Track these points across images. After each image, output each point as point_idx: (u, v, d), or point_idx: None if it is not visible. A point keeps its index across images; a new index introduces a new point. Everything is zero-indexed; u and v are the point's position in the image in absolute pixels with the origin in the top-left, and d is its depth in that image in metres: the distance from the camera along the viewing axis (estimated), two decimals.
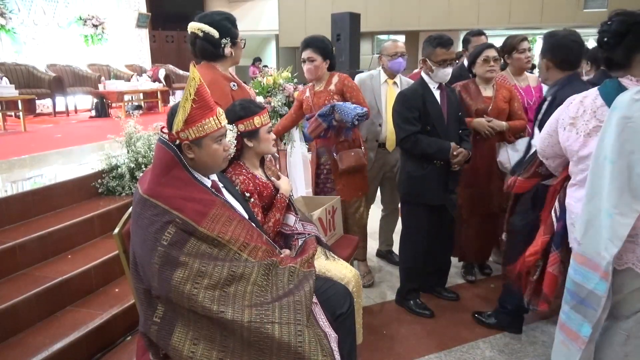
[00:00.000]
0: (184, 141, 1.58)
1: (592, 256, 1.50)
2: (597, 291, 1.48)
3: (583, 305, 1.54)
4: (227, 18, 2.30)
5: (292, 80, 3.55)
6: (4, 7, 7.72)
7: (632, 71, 1.54)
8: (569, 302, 1.60)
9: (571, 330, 1.59)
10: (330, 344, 1.51)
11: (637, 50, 1.52)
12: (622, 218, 1.41)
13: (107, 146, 3.62)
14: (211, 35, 2.23)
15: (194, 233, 1.51)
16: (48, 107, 8.03)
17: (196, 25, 2.25)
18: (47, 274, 2.50)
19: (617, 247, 1.42)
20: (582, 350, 1.55)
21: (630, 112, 1.41)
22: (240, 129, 1.99)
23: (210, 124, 1.59)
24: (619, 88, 1.53)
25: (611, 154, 1.43)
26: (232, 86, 2.32)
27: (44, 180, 3.34)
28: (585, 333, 1.53)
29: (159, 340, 1.48)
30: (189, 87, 1.55)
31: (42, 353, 2.07)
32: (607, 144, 1.45)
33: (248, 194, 1.94)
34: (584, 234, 1.54)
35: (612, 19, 1.56)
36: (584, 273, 1.53)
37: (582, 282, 1.54)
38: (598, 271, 1.47)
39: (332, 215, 2.66)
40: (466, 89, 3.03)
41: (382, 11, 11.91)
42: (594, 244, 1.49)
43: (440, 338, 2.60)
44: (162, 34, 13.66)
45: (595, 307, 1.49)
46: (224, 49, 2.27)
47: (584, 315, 1.54)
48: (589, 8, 10.55)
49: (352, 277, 2.03)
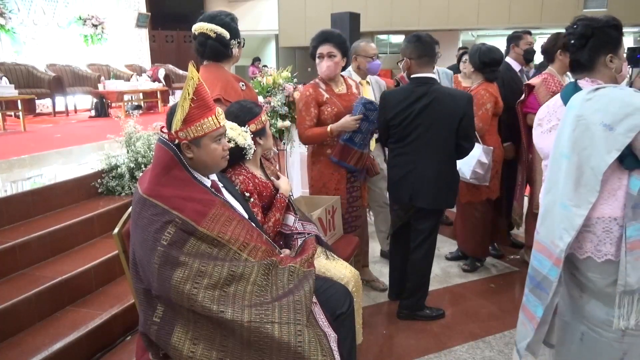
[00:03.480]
0: (182, 140, 1.58)
1: (547, 244, 1.61)
2: (549, 276, 1.59)
3: (538, 289, 1.66)
4: (232, 19, 2.36)
5: (291, 80, 3.54)
6: (4, 7, 7.72)
7: (594, 74, 1.65)
8: (529, 285, 1.72)
9: (529, 311, 1.71)
10: (330, 344, 1.52)
11: (600, 53, 1.63)
12: (577, 209, 1.52)
13: (106, 146, 3.62)
14: (223, 37, 2.28)
15: (193, 233, 1.51)
16: (48, 107, 8.03)
17: (208, 26, 2.27)
18: (47, 274, 2.50)
19: (571, 236, 1.52)
20: (535, 330, 1.67)
21: (582, 110, 1.52)
22: (252, 129, 2.00)
23: (208, 124, 1.59)
24: (575, 89, 1.65)
25: (566, 150, 1.54)
26: (241, 86, 2.36)
27: (44, 180, 3.34)
28: (539, 314, 1.65)
29: (159, 340, 1.49)
30: (187, 87, 1.55)
31: (42, 353, 2.07)
32: (562, 141, 1.57)
33: (248, 193, 1.94)
34: (541, 224, 1.67)
35: (577, 23, 1.67)
36: (540, 259, 1.65)
37: (538, 268, 1.66)
38: (551, 258, 1.59)
39: (332, 215, 2.66)
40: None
41: (382, 11, 11.90)
42: (550, 233, 1.60)
43: (440, 338, 2.60)
44: (162, 34, 13.65)
45: (548, 290, 1.60)
46: (233, 49, 2.33)
47: (539, 297, 1.66)
48: (589, 8, 10.53)
49: (352, 277, 2.03)
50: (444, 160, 2.62)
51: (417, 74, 2.60)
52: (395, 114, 2.61)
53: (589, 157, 1.49)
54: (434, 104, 2.54)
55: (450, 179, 2.68)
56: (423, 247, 2.72)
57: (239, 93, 2.30)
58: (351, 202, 2.87)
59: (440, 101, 2.54)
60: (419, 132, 2.58)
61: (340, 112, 2.71)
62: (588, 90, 1.55)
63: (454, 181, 2.70)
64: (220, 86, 2.26)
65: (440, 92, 2.58)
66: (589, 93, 1.54)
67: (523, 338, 1.74)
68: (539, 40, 12.82)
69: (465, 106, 2.55)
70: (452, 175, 2.68)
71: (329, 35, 2.73)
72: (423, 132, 2.57)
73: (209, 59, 2.35)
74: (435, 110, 2.54)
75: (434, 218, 2.72)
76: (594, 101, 1.51)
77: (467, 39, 13.58)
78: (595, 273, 1.56)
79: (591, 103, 1.51)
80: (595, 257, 1.55)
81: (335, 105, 2.73)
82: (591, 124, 1.49)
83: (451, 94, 2.64)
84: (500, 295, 3.10)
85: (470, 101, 2.58)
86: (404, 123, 2.59)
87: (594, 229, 1.54)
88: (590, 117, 1.50)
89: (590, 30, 1.63)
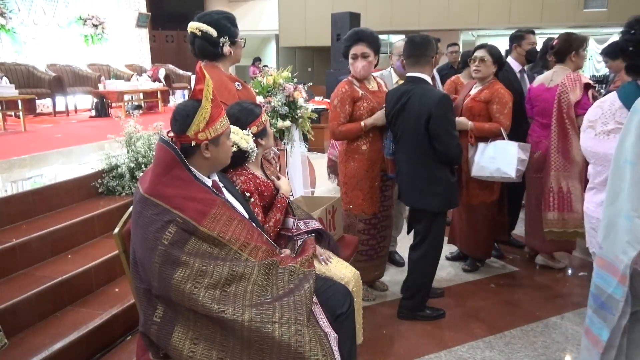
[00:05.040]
0: (203, 141, 1.59)
1: (612, 260, 1.49)
2: (615, 295, 1.47)
3: (603, 310, 1.53)
4: (226, 17, 2.32)
5: (292, 80, 3.54)
6: (4, 7, 7.71)
7: None
8: (592, 305, 1.60)
9: (593, 335, 1.59)
10: (330, 344, 1.52)
11: None
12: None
13: (107, 146, 3.62)
14: (209, 35, 2.25)
15: (194, 232, 1.51)
16: (48, 107, 8.02)
17: (195, 25, 2.26)
18: (47, 273, 2.50)
19: (637, 249, 1.40)
20: (601, 355, 1.55)
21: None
22: (253, 131, 2.00)
23: (224, 122, 1.66)
24: (637, 90, 1.54)
25: (631, 157, 1.42)
26: (237, 86, 2.33)
27: (44, 180, 3.34)
28: (604, 337, 1.53)
29: (159, 339, 1.49)
30: (207, 88, 1.57)
31: (42, 353, 2.07)
32: (627, 147, 1.43)
33: (248, 193, 1.94)
34: (604, 238, 1.53)
35: (634, 28, 1.56)
36: (604, 277, 1.52)
37: (602, 286, 1.53)
38: (616, 275, 1.46)
39: (332, 215, 2.66)
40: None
41: (382, 11, 11.89)
42: (614, 248, 1.48)
43: (440, 338, 2.60)
44: (162, 34, 13.65)
45: (614, 311, 1.48)
46: (223, 47, 2.28)
47: (604, 319, 1.54)
48: (589, 8, 10.53)
49: (352, 277, 2.03)
50: (420, 162, 2.59)
51: (408, 72, 2.66)
52: (389, 112, 2.69)
53: None
54: (408, 104, 2.57)
55: (433, 181, 2.58)
56: (421, 248, 2.71)
57: (233, 93, 2.28)
58: (382, 202, 2.93)
59: (413, 101, 2.55)
60: (401, 131, 2.65)
61: (374, 108, 2.78)
62: None
63: (437, 183, 2.58)
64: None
65: (416, 92, 2.56)
66: None
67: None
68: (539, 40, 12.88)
69: (433, 106, 2.48)
70: (433, 177, 2.58)
71: (362, 35, 2.73)
72: (402, 131, 2.63)
73: (202, 58, 2.34)
74: (408, 110, 2.57)
75: (426, 220, 2.67)
76: None
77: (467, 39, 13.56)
78: None
79: None
80: None
81: (370, 101, 2.78)
82: None
83: (424, 94, 2.55)
84: (500, 295, 3.10)
85: (440, 102, 2.50)
86: (393, 121, 2.68)
87: None
88: None
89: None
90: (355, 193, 2.85)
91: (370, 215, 2.89)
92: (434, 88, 2.73)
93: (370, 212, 2.88)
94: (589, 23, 10.32)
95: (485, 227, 3.29)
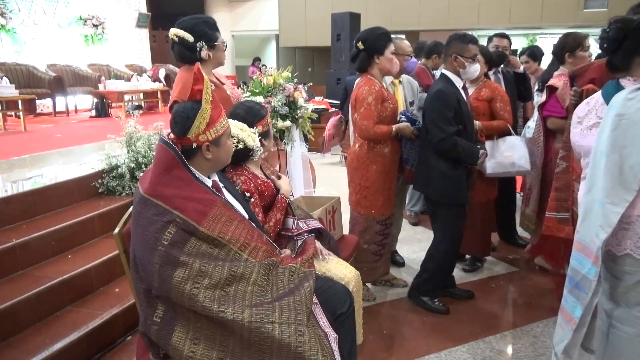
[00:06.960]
0: (204, 143, 1.60)
1: (587, 243, 1.61)
2: (589, 275, 1.59)
3: (577, 289, 1.66)
4: (204, 22, 2.41)
5: (292, 80, 3.54)
6: (4, 7, 7.71)
7: (631, 72, 1.67)
8: (567, 286, 1.72)
9: (567, 312, 1.71)
10: (331, 344, 1.52)
11: (635, 54, 1.64)
12: (614, 207, 1.52)
13: (107, 146, 3.62)
14: (186, 40, 2.35)
15: (194, 233, 1.51)
16: (48, 107, 8.02)
17: (173, 31, 2.37)
18: (47, 273, 2.50)
19: (607, 233, 1.53)
20: (573, 331, 1.67)
21: (623, 109, 1.52)
22: (259, 131, 2.03)
23: (224, 122, 1.67)
24: (617, 87, 1.65)
25: (606, 148, 1.54)
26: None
27: (44, 180, 3.34)
28: (577, 315, 1.65)
29: (159, 340, 1.49)
30: (206, 89, 1.57)
31: (42, 353, 2.07)
32: (603, 139, 1.56)
33: (248, 194, 1.94)
34: (581, 222, 1.66)
35: (610, 27, 1.67)
36: (580, 259, 1.65)
37: (577, 267, 1.66)
38: (590, 257, 1.59)
39: (332, 215, 2.66)
40: None
41: (382, 11, 11.89)
42: (589, 232, 1.60)
43: (440, 338, 2.60)
44: (162, 34, 13.63)
45: (587, 290, 1.61)
46: (200, 52, 2.37)
47: (577, 297, 1.66)
48: (589, 8, 10.53)
49: (352, 277, 2.03)
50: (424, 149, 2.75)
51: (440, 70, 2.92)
52: None
53: (629, 156, 1.50)
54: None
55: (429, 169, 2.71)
56: (438, 234, 2.87)
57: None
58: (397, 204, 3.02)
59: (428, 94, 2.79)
60: None
61: (395, 109, 2.79)
62: (630, 90, 1.55)
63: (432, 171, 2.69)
64: (178, 89, 2.33)
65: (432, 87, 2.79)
66: (631, 92, 1.54)
67: (560, 340, 1.73)
68: (539, 40, 12.83)
69: (427, 99, 2.73)
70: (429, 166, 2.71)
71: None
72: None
73: (182, 63, 2.44)
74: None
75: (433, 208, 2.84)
76: (637, 100, 1.51)
77: None
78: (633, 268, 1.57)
79: (633, 102, 1.52)
80: (635, 254, 1.56)
81: (394, 102, 2.79)
82: (632, 123, 1.50)
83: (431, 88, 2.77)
84: (500, 295, 3.10)
85: (432, 96, 2.67)
86: None
87: (634, 226, 1.55)
88: (631, 116, 1.50)
89: (622, 34, 1.64)
90: (376, 196, 2.85)
91: (387, 216, 2.92)
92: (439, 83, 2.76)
93: (388, 213, 2.92)
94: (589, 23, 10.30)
95: (482, 226, 3.29)
